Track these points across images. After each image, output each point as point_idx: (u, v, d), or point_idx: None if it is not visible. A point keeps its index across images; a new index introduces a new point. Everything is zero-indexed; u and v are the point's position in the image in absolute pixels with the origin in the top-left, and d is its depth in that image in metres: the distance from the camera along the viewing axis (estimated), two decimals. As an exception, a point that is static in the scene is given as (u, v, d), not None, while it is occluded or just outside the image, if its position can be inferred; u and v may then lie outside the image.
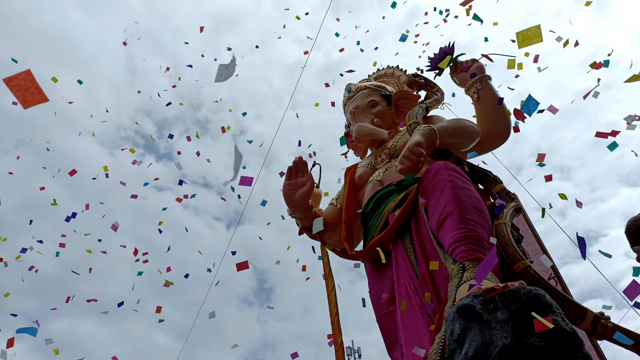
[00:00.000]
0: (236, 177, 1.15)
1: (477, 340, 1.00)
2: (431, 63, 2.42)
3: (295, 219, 2.31)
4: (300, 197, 2.15)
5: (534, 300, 1.00)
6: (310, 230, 2.29)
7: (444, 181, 1.66)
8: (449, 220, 1.52)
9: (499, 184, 1.98)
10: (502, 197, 1.91)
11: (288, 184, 2.18)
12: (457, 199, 1.57)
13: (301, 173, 2.20)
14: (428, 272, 1.65)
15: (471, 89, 2.18)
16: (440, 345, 1.20)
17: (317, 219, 2.03)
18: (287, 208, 2.27)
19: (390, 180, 2.10)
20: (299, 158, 2.20)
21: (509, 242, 1.60)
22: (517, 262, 1.56)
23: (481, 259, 1.37)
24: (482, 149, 2.17)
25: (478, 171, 2.05)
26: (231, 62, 1.16)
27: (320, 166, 2.52)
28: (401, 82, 2.71)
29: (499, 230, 1.65)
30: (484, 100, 2.13)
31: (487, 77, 2.17)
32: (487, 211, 1.66)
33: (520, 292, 1.02)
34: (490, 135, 2.13)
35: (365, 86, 2.63)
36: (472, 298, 1.07)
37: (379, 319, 1.91)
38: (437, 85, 2.46)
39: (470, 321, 1.05)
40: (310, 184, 2.17)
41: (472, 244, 1.42)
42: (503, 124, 2.13)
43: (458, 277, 1.32)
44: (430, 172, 1.77)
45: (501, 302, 1.02)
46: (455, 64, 2.31)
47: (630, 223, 1.98)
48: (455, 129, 2.02)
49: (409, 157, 1.75)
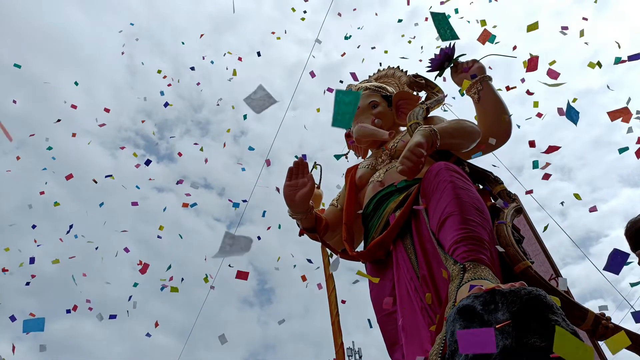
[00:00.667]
0: (223, 255, 1.13)
1: (478, 341, 1.00)
2: (432, 64, 2.42)
3: (296, 220, 2.31)
4: (301, 198, 2.15)
5: (534, 301, 1.00)
6: (310, 231, 2.29)
7: (445, 182, 1.65)
8: (449, 221, 1.52)
9: (499, 185, 1.98)
10: (502, 197, 1.91)
11: (288, 185, 2.18)
12: (457, 200, 1.57)
13: (302, 174, 2.19)
14: (429, 273, 1.65)
15: (472, 90, 2.18)
16: (441, 346, 1.20)
17: (335, 259, 1.91)
18: (288, 209, 2.27)
19: (391, 181, 2.10)
20: (299, 159, 2.20)
21: (510, 242, 1.60)
22: (518, 263, 1.56)
23: (482, 260, 1.37)
24: (482, 149, 2.17)
25: (479, 172, 2.05)
26: (259, 90, 1.14)
27: (321, 167, 2.52)
28: (402, 83, 2.71)
29: (500, 231, 1.65)
30: (484, 100, 2.13)
31: (487, 77, 2.17)
32: (487, 212, 1.66)
33: (521, 292, 1.02)
34: (491, 135, 2.13)
35: (366, 87, 2.63)
36: (472, 299, 1.07)
37: (380, 320, 1.91)
38: (437, 86, 2.46)
39: (471, 322, 1.05)
40: (311, 185, 2.17)
41: (473, 245, 1.42)
42: (504, 125, 2.13)
43: (459, 278, 1.32)
44: (430, 172, 1.77)
45: (502, 302, 1.02)
46: (456, 65, 2.31)
47: (630, 225, 1.97)
48: (456, 129, 2.02)
49: (409, 158, 1.74)
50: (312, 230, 2.29)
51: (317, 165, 2.49)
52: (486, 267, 1.34)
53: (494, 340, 0.77)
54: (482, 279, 1.27)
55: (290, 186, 2.17)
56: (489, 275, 1.30)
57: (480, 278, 1.27)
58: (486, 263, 1.37)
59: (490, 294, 1.05)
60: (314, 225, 2.26)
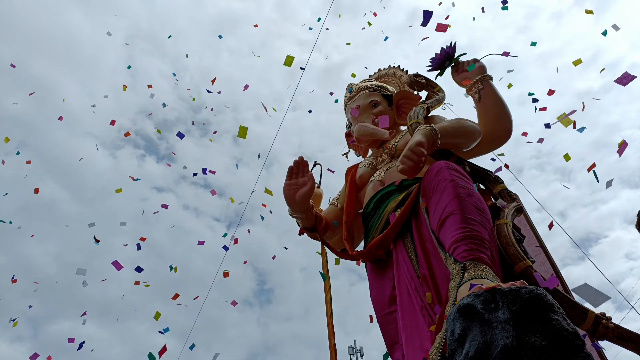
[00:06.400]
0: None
1: (478, 340, 0.99)
2: (433, 63, 2.41)
3: (296, 219, 2.31)
4: (301, 198, 2.15)
5: (535, 300, 1.00)
6: (310, 230, 2.29)
7: (445, 181, 1.65)
8: (450, 220, 1.52)
9: (500, 184, 1.98)
10: (503, 197, 1.91)
11: (289, 184, 2.18)
12: (458, 199, 1.56)
13: (302, 173, 2.19)
14: (429, 272, 1.64)
15: (472, 89, 2.18)
16: (441, 345, 1.20)
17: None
18: (288, 208, 2.27)
19: (391, 180, 2.10)
20: (300, 158, 2.20)
21: (510, 242, 1.60)
22: (518, 262, 1.55)
23: (482, 259, 1.36)
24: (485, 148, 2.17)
25: (479, 171, 2.04)
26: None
27: (321, 166, 2.52)
28: (402, 82, 2.71)
29: (500, 230, 1.65)
30: (485, 100, 2.13)
31: (488, 77, 2.17)
32: (488, 211, 1.66)
33: (521, 291, 1.02)
34: (492, 135, 2.13)
35: (367, 86, 2.63)
36: (473, 298, 1.07)
37: (380, 319, 1.91)
38: (438, 85, 2.46)
39: (471, 321, 1.04)
40: (311, 184, 2.17)
41: (473, 244, 1.41)
42: (504, 124, 2.13)
43: (459, 277, 1.32)
44: (431, 171, 1.76)
45: (502, 301, 1.02)
46: (457, 64, 2.31)
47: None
48: (457, 128, 2.02)
49: (410, 157, 1.74)
50: (312, 230, 2.29)
51: (318, 164, 2.49)
52: (486, 266, 1.34)
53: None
54: (483, 278, 1.26)
55: (291, 185, 2.17)
56: (489, 275, 1.29)
57: (480, 277, 1.27)
58: (487, 262, 1.36)
59: (491, 293, 1.05)
60: (314, 224, 2.26)
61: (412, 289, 1.67)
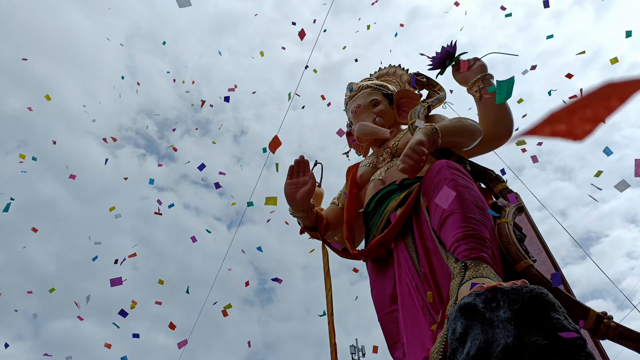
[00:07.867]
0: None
1: (479, 339, 0.99)
2: (433, 62, 2.41)
3: (297, 218, 2.31)
4: (302, 197, 2.15)
5: (536, 299, 1.00)
6: (311, 229, 2.29)
7: (446, 180, 1.65)
8: (450, 219, 1.52)
9: (501, 183, 1.97)
10: (504, 196, 1.90)
11: (289, 183, 2.17)
12: (459, 198, 1.56)
13: (303, 172, 2.19)
14: (430, 271, 1.64)
15: (473, 88, 2.18)
16: (442, 344, 1.20)
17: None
18: (289, 207, 2.27)
19: (392, 179, 2.09)
20: (300, 157, 2.19)
21: (511, 241, 1.60)
22: (519, 261, 1.55)
23: (483, 258, 1.36)
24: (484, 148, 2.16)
25: (480, 170, 2.04)
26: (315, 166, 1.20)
27: (322, 165, 2.51)
28: (403, 81, 2.71)
29: (501, 230, 1.64)
30: (486, 99, 2.12)
31: (489, 75, 2.16)
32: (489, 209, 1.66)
33: (522, 290, 1.02)
34: (492, 134, 2.12)
35: (367, 85, 2.63)
36: (474, 297, 1.07)
37: (381, 319, 1.90)
38: (439, 84, 2.46)
39: (472, 320, 1.04)
40: (312, 183, 2.16)
41: (474, 243, 1.41)
42: (505, 123, 2.13)
43: (460, 276, 1.32)
44: (432, 170, 1.76)
45: (503, 300, 1.02)
46: (458, 63, 2.31)
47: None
48: (457, 127, 2.01)
49: (410, 156, 1.74)
50: (313, 229, 2.29)
51: (318, 164, 2.49)
52: (488, 266, 1.34)
53: None
54: (484, 277, 1.26)
55: (291, 184, 2.17)
56: (490, 274, 1.29)
57: (481, 276, 1.26)
58: (488, 261, 1.36)
59: (492, 292, 1.05)
60: (314, 223, 2.26)
61: (413, 288, 1.67)
